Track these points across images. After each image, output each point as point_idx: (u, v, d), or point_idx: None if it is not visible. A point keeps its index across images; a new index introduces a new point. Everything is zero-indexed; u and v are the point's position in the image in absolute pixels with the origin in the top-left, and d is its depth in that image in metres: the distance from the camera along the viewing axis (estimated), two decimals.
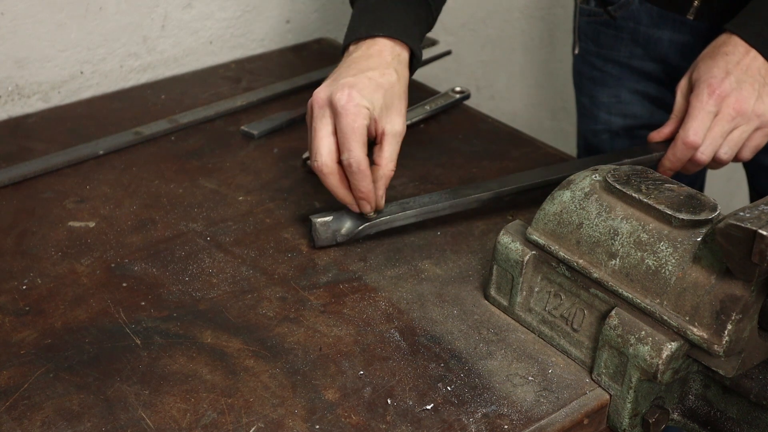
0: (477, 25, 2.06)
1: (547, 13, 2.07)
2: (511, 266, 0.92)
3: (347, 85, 0.98)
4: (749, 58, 1.08)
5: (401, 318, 0.94)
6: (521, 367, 0.88)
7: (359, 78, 1.00)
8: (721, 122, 1.07)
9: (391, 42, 1.06)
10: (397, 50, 1.06)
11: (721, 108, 1.07)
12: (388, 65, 1.03)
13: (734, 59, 1.08)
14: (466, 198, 1.07)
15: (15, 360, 0.88)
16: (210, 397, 0.83)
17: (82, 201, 1.14)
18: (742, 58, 1.08)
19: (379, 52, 1.05)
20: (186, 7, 1.50)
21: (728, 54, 1.09)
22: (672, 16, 1.31)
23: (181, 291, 0.98)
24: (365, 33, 1.06)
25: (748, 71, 1.08)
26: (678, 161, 1.11)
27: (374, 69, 1.02)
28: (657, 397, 0.85)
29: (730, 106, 1.07)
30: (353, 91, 0.98)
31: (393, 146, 1.02)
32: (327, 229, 1.04)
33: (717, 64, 1.08)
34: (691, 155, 1.10)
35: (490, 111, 1.53)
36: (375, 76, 1.01)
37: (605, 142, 1.48)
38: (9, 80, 1.36)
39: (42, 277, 1.00)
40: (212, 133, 1.32)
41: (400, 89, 1.03)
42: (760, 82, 1.07)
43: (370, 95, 0.99)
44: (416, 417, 0.82)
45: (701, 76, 1.09)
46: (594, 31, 1.41)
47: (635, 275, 0.83)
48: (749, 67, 1.08)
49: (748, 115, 1.07)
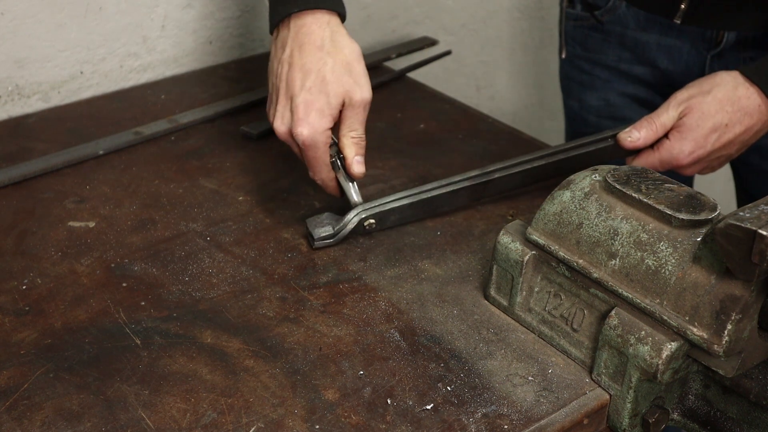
0: (477, 25, 2.06)
1: (547, 13, 2.06)
2: (511, 266, 0.92)
3: (298, 112, 1.01)
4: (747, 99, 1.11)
5: (401, 318, 0.94)
6: (521, 367, 0.88)
7: (304, 95, 1.02)
8: (710, 156, 1.12)
9: (313, 15, 1.05)
10: (324, 20, 1.05)
11: (714, 147, 1.11)
12: (320, 50, 1.03)
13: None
14: (456, 181, 1.08)
15: (15, 360, 0.88)
16: (210, 397, 0.83)
17: (82, 201, 1.14)
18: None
19: (307, 36, 1.04)
20: (186, 7, 1.50)
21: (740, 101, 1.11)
22: (659, 20, 1.31)
23: (181, 291, 0.98)
24: (284, 12, 1.05)
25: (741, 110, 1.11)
26: (651, 167, 1.12)
27: (311, 70, 1.02)
28: (657, 397, 0.85)
29: (721, 143, 1.11)
30: (307, 121, 1.01)
31: (351, 116, 1.04)
32: (322, 229, 1.04)
33: (722, 108, 1.10)
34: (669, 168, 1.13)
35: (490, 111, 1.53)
36: (315, 80, 1.02)
37: None
38: (9, 80, 1.36)
39: (42, 277, 1.00)
40: (212, 133, 1.32)
41: (343, 65, 1.04)
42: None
43: (320, 106, 1.02)
44: (416, 417, 0.82)
45: (704, 114, 1.10)
46: (581, 35, 1.41)
47: (635, 275, 0.83)
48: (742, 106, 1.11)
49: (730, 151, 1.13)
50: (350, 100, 1.04)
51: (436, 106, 1.42)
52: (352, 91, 1.03)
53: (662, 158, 1.12)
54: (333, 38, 1.04)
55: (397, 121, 1.36)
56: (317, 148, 1.03)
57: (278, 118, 1.04)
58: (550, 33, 2.08)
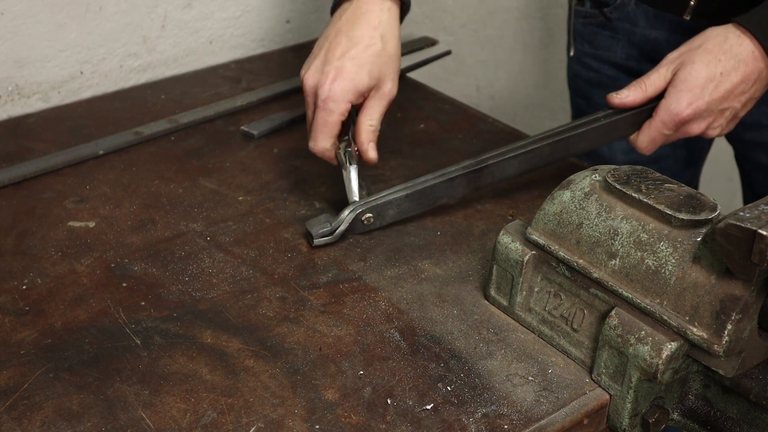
0: (477, 25, 2.06)
1: (547, 13, 2.06)
2: (511, 266, 0.92)
3: (332, 73, 1.06)
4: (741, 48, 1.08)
5: (401, 318, 0.94)
6: (521, 367, 0.88)
7: (344, 61, 1.06)
8: (711, 108, 1.09)
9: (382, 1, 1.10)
10: (386, 5, 1.10)
11: (713, 97, 1.08)
12: (374, 30, 1.08)
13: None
14: (451, 170, 1.09)
15: (15, 360, 0.88)
16: (210, 397, 0.83)
17: (82, 201, 1.14)
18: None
19: (367, 13, 1.09)
20: (186, 7, 1.50)
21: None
22: (668, 17, 1.30)
23: (181, 291, 0.98)
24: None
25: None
26: (658, 133, 1.10)
27: (359, 42, 1.07)
28: (657, 397, 0.85)
29: (720, 93, 1.08)
30: (335, 85, 1.05)
31: (374, 105, 1.09)
32: (321, 227, 1.04)
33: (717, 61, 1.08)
34: (675, 127, 1.09)
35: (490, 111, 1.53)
36: (359, 53, 1.06)
37: None
38: (9, 80, 1.36)
39: (42, 277, 1.00)
40: (212, 133, 1.32)
41: (387, 54, 1.08)
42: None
43: (354, 77, 1.06)
44: (416, 417, 0.82)
45: (696, 65, 1.08)
46: (590, 33, 1.41)
47: (635, 275, 0.83)
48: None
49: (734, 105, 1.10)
50: (379, 89, 1.08)
51: (436, 106, 1.42)
52: (385, 80, 1.08)
53: (663, 119, 1.09)
54: (389, 25, 1.09)
55: (397, 121, 1.36)
56: (332, 112, 1.05)
57: (311, 71, 1.08)
58: (550, 33, 2.08)
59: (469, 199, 1.14)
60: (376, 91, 1.08)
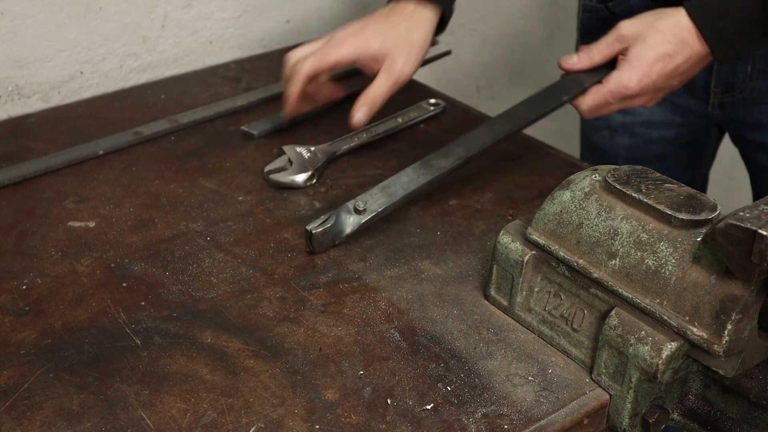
0: (477, 25, 2.06)
1: (547, 13, 2.07)
2: (511, 266, 0.92)
3: (347, 34, 1.13)
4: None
5: (401, 318, 0.94)
6: (521, 367, 0.88)
7: (365, 28, 1.13)
8: (655, 85, 1.13)
9: (418, 4, 1.15)
10: (420, 8, 1.15)
11: (660, 75, 1.12)
12: (404, 20, 1.13)
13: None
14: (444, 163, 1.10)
15: (15, 360, 0.88)
16: (210, 397, 0.83)
17: (82, 201, 1.14)
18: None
19: (403, 8, 1.15)
20: (186, 7, 1.50)
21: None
22: None
23: (181, 291, 0.98)
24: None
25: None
26: (604, 100, 1.14)
27: (385, 20, 1.13)
28: (657, 397, 0.85)
29: (666, 72, 1.12)
30: (348, 31, 1.13)
31: (383, 78, 1.13)
32: (326, 237, 1.04)
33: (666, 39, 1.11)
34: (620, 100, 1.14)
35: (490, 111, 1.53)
36: (379, 25, 1.13)
37: (605, 139, 1.48)
38: (9, 80, 1.36)
39: (42, 277, 1.00)
40: (212, 133, 1.32)
41: (408, 38, 1.12)
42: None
43: (368, 38, 1.12)
44: (416, 417, 0.82)
45: (649, 44, 1.12)
46: (595, 28, 1.41)
47: (635, 275, 0.83)
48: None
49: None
50: (390, 64, 1.11)
51: None
52: (397, 56, 1.11)
53: (612, 90, 1.13)
54: (421, 20, 1.14)
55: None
56: (338, 45, 1.13)
57: (306, 46, 1.17)
58: (550, 33, 2.08)
59: (469, 199, 1.14)
60: (388, 66, 1.11)
